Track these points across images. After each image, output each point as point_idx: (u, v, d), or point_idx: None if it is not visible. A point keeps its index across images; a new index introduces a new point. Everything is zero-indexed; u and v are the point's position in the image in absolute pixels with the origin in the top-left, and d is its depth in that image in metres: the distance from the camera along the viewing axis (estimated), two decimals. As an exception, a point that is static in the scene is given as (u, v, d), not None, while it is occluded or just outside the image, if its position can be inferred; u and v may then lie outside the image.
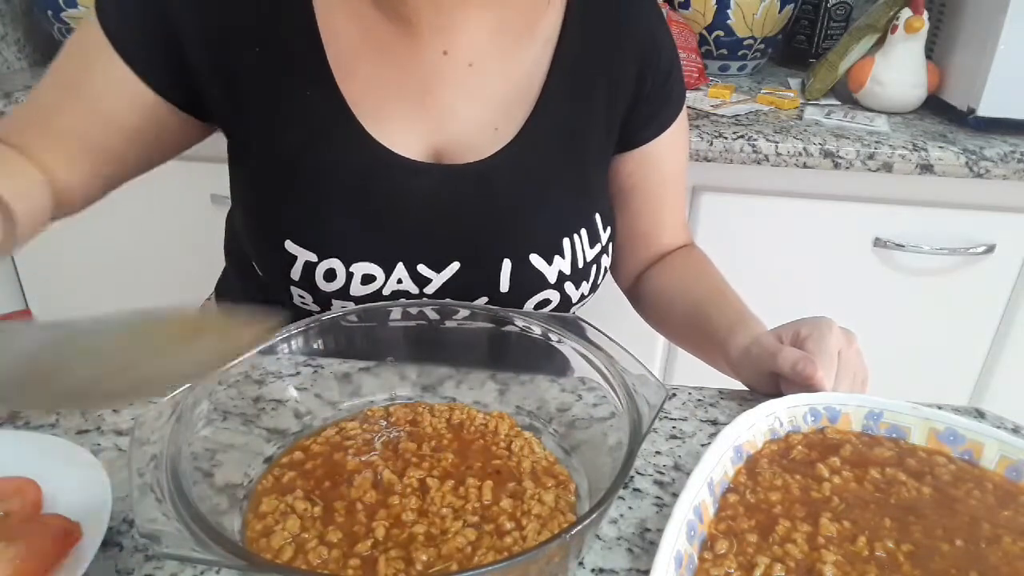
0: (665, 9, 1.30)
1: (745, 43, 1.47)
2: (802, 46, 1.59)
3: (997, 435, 0.51)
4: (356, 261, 0.66)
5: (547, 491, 0.48)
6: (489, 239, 0.69)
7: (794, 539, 0.45)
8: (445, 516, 0.46)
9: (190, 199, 1.28)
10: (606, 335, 0.52)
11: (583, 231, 0.70)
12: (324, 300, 0.68)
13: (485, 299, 0.69)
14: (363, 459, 0.51)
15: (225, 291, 0.88)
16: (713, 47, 1.48)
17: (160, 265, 1.33)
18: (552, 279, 0.69)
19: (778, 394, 0.58)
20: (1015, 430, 0.59)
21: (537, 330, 0.55)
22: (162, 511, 0.38)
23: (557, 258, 0.69)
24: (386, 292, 0.68)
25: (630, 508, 0.52)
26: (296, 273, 0.66)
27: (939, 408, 0.55)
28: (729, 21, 1.43)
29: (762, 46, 1.49)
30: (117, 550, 0.47)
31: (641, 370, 0.49)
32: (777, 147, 1.15)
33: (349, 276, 0.66)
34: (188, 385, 0.47)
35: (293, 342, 0.55)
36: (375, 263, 0.67)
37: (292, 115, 0.65)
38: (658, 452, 0.57)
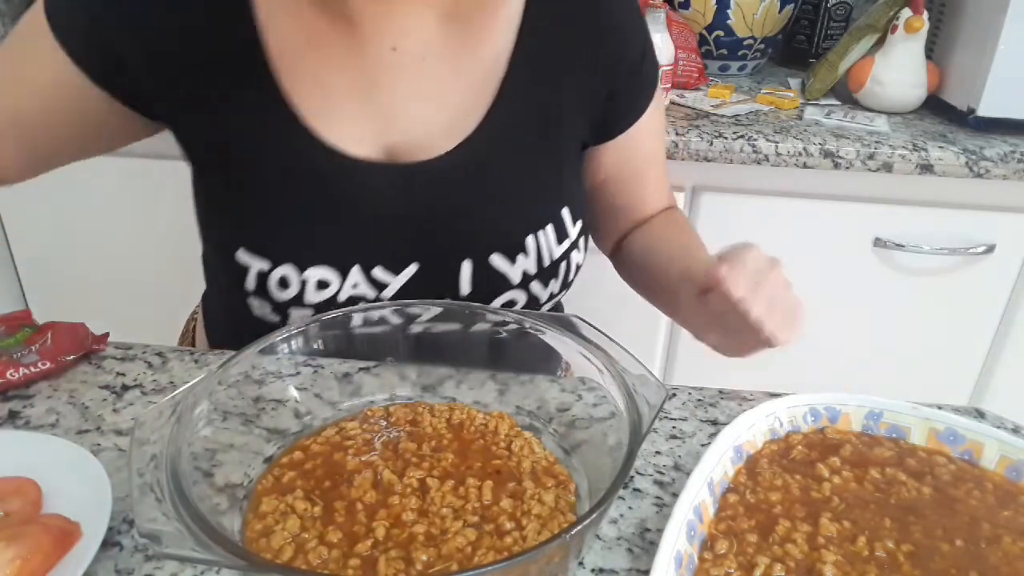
0: (665, 9, 1.30)
1: (745, 43, 1.47)
2: (802, 46, 1.59)
3: (997, 435, 0.51)
4: (310, 266, 0.64)
5: (547, 491, 0.48)
6: (447, 239, 0.66)
7: (794, 539, 0.45)
8: (445, 516, 0.46)
9: (190, 200, 1.28)
10: (606, 335, 0.52)
11: (549, 228, 0.68)
12: (282, 309, 0.66)
13: (447, 301, 0.65)
14: (363, 459, 0.51)
15: (208, 303, 0.87)
16: (713, 47, 1.48)
17: (160, 266, 1.33)
18: (516, 279, 0.68)
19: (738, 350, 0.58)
20: (1015, 430, 0.59)
21: (537, 330, 0.55)
22: (162, 511, 0.38)
23: (521, 257, 0.67)
24: (341, 298, 0.66)
25: (630, 508, 0.52)
26: (251, 283, 0.65)
27: (939, 408, 0.55)
28: (729, 21, 1.43)
29: (762, 46, 1.49)
30: (117, 550, 0.47)
31: (641, 370, 0.49)
32: (777, 147, 1.15)
33: (303, 283, 0.64)
34: (188, 384, 0.47)
35: (293, 342, 0.55)
36: (330, 267, 0.65)
37: (235, 121, 0.63)
38: (658, 452, 0.57)
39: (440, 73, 0.64)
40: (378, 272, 0.66)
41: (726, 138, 1.16)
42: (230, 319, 0.79)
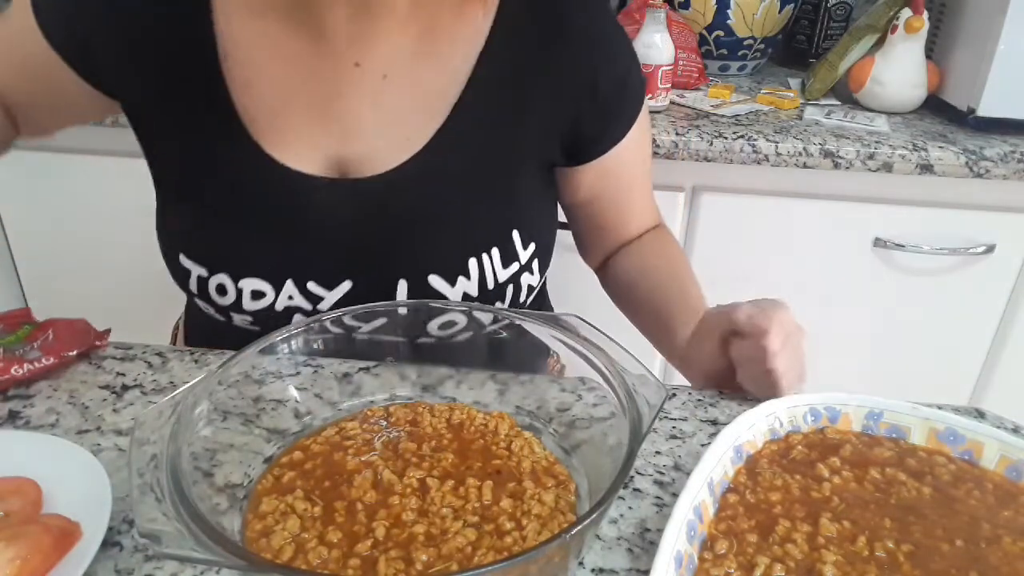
0: (665, 9, 1.30)
1: (745, 43, 1.47)
2: (802, 46, 1.59)
3: (997, 435, 0.51)
4: (244, 277, 0.65)
5: (547, 491, 0.48)
6: (384, 257, 0.66)
7: (794, 539, 0.45)
8: (445, 516, 0.46)
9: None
10: (606, 335, 0.52)
11: (495, 251, 0.66)
12: (224, 312, 0.67)
13: (384, 319, 0.61)
14: (363, 459, 0.51)
15: (189, 309, 0.88)
16: (713, 47, 1.48)
17: (160, 266, 1.33)
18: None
19: (723, 389, 0.61)
20: (1015, 430, 0.59)
21: (536, 330, 0.55)
22: (162, 511, 0.38)
23: (461, 279, 0.66)
24: (279, 308, 0.66)
25: (630, 508, 0.52)
26: (193, 286, 0.67)
27: (939, 408, 0.55)
28: (729, 21, 1.43)
29: (762, 46, 1.49)
30: (117, 550, 0.47)
31: (641, 370, 0.49)
32: (777, 147, 1.15)
33: (239, 291, 0.65)
34: (188, 384, 0.47)
35: (293, 342, 0.55)
36: (263, 279, 0.65)
37: (183, 130, 0.64)
38: (658, 452, 0.57)
39: (399, 90, 0.64)
40: (312, 286, 0.67)
41: (726, 138, 1.16)
42: (204, 320, 0.80)
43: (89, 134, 1.25)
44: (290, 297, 0.66)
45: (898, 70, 1.29)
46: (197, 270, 0.66)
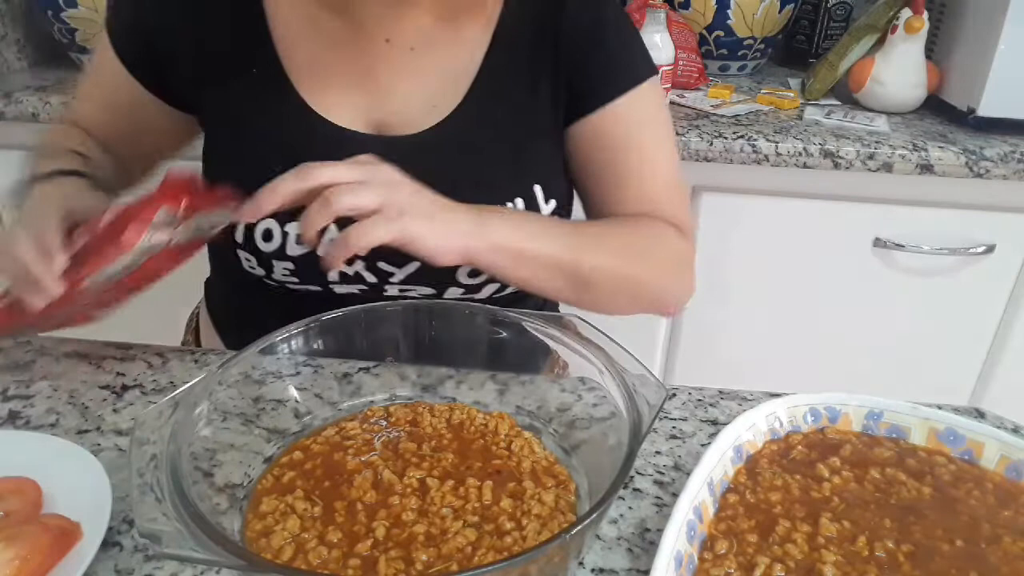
0: (665, 9, 1.30)
1: (745, 43, 1.47)
2: (802, 46, 1.59)
3: (997, 435, 0.51)
4: (290, 221, 0.68)
5: (547, 491, 0.48)
6: None
7: (794, 539, 0.45)
8: (445, 516, 0.46)
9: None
10: (605, 335, 0.52)
11: (519, 201, 0.71)
12: (266, 261, 0.70)
13: (417, 263, 0.69)
14: (363, 459, 0.51)
15: (210, 289, 0.90)
16: (713, 47, 1.48)
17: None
18: None
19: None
20: (1015, 430, 0.59)
21: (536, 330, 0.55)
22: (162, 511, 0.38)
23: None
24: (320, 252, 0.67)
25: (630, 508, 0.52)
26: (239, 235, 0.69)
27: (939, 408, 0.55)
28: (729, 21, 1.43)
29: (762, 46, 1.49)
30: (117, 550, 0.47)
31: (641, 370, 0.49)
32: (777, 147, 1.15)
33: (284, 235, 0.68)
34: (188, 384, 0.47)
35: (293, 342, 0.55)
36: None
37: (241, 93, 0.71)
38: (658, 452, 0.57)
39: (426, 62, 0.71)
40: None
41: (726, 138, 1.16)
42: (228, 293, 0.85)
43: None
44: (331, 241, 0.68)
45: (898, 70, 1.29)
46: None
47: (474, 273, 0.70)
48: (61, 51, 1.43)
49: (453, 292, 0.72)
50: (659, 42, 1.25)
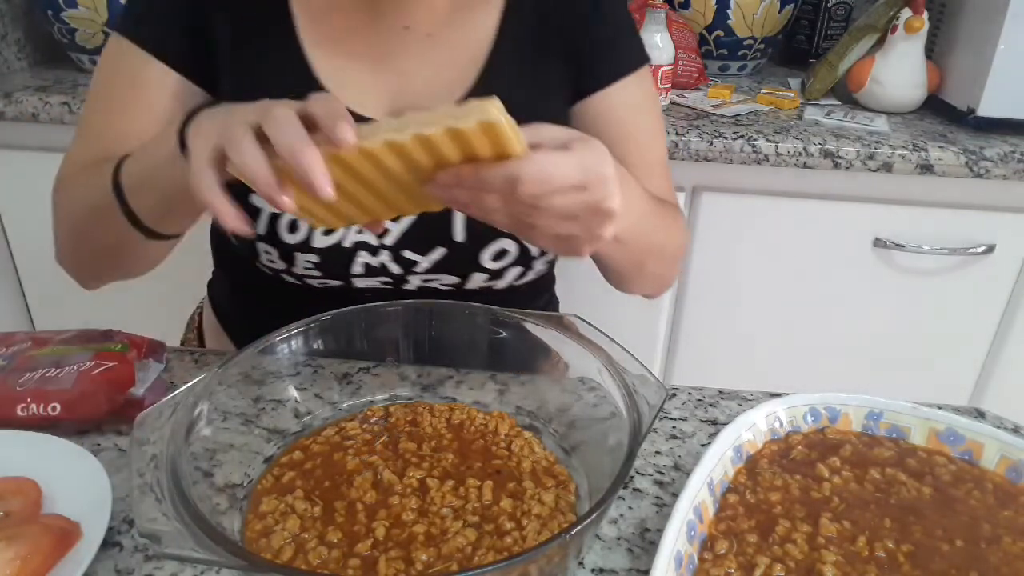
0: (665, 9, 1.30)
1: (745, 43, 1.47)
2: (802, 46, 1.59)
3: (997, 435, 0.51)
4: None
5: (547, 491, 0.48)
6: None
7: (794, 539, 0.45)
8: (445, 516, 0.46)
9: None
10: (606, 335, 0.52)
11: None
12: (288, 254, 0.69)
13: (442, 249, 0.70)
14: (363, 459, 0.51)
15: (214, 288, 0.89)
16: (713, 47, 1.48)
17: (160, 266, 1.33)
18: None
19: None
20: (1015, 430, 0.59)
21: (537, 330, 0.55)
22: (162, 511, 0.38)
23: None
24: (346, 244, 0.69)
25: (630, 508, 0.52)
26: (261, 227, 0.68)
27: (939, 408, 0.55)
28: (729, 21, 1.43)
29: (762, 46, 1.49)
30: (117, 550, 0.47)
31: (641, 370, 0.49)
32: (777, 147, 1.15)
33: (311, 228, 0.68)
34: (188, 384, 0.47)
35: (293, 342, 0.55)
36: None
37: (260, 78, 0.70)
38: (658, 452, 0.57)
39: (443, 46, 0.72)
40: None
41: (726, 138, 1.16)
42: (236, 292, 0.84)
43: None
44: (359, 231, 0.70)
45: (898, 70, 1.29)
46: (270, 207, 0.66)
47: (498, 256, 0.71)
48: (61, 51, 1.43)
49: (477, 279, 0.72)
50: (659, 42, 1.24)
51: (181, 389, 0.46)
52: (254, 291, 0.78)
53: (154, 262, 0.72)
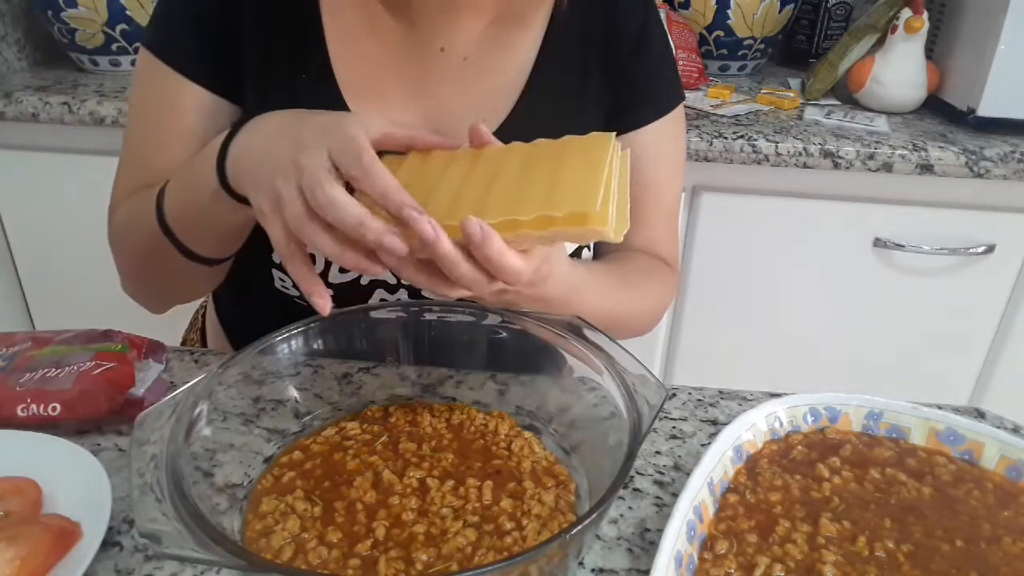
0: (665, 9, 1.30)
1: (745, 43, 1.47)
2: (802, 46, 1.59)
3: (997, 435, 0.51)
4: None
5: (547, 491, 0.48)
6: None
7: (794, 539, 0.45)
8: (445, 516, 0.46)
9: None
10: (606, 335, 0.52)
11: None
12: None
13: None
14: (363, 459, 0.51)
15: (217, 298, 0.88)
16: (713, 47, 1.48)
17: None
18: None
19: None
20: (1015, 430, 0.59)
21: (537, 330, 0.55)
22: (162, 511, 0.38)
23: None
24: (363, 281, 0.68)
25: (630, 508, 0.52)
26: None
27: (939, 408, 0.55)
28: (729, 21, 1.43)
29: (762, 46, 1.49)
30: (117, 550, 0.47)
31: (641, 370, 0.49)
32: (777, 147, 1.15)
33: (328, 262, 0.66)
34: (188, 384, 0.47)
35: (293, 342, 0.55)
36: None
37: (284, 98, 0.65)
38: (658, 452, 0.57)
39: (479, 72, 0.70)
40: None
41: (726, 138, 1.16)
42: (243, 305, 0.82)
43: (90, 134, 1.26)
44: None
45: (898, 70, 1.29)
46: None
47: None
48: (61, 51, 1.43)
49: (493, 319, 0.66)
50: (659, 42, 1.24)
51: (181, 389, 0.46)
52: (264, 308, 0.75)
53: (217, 280, 0.71)
